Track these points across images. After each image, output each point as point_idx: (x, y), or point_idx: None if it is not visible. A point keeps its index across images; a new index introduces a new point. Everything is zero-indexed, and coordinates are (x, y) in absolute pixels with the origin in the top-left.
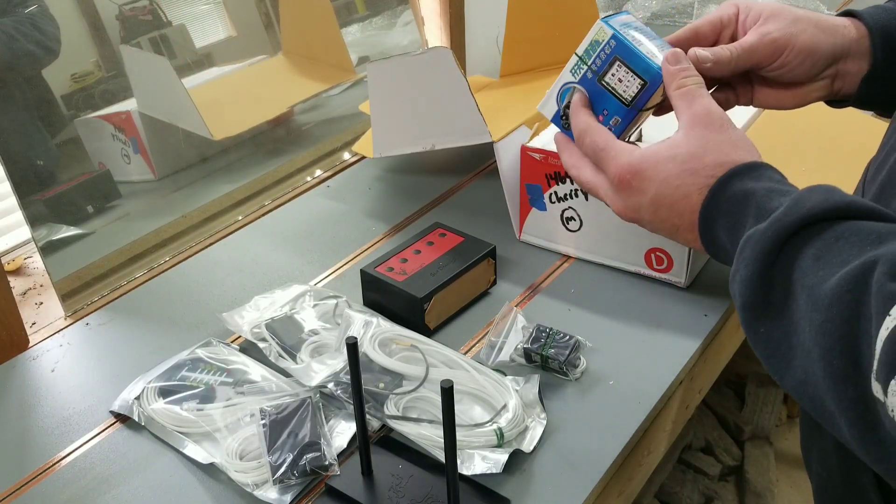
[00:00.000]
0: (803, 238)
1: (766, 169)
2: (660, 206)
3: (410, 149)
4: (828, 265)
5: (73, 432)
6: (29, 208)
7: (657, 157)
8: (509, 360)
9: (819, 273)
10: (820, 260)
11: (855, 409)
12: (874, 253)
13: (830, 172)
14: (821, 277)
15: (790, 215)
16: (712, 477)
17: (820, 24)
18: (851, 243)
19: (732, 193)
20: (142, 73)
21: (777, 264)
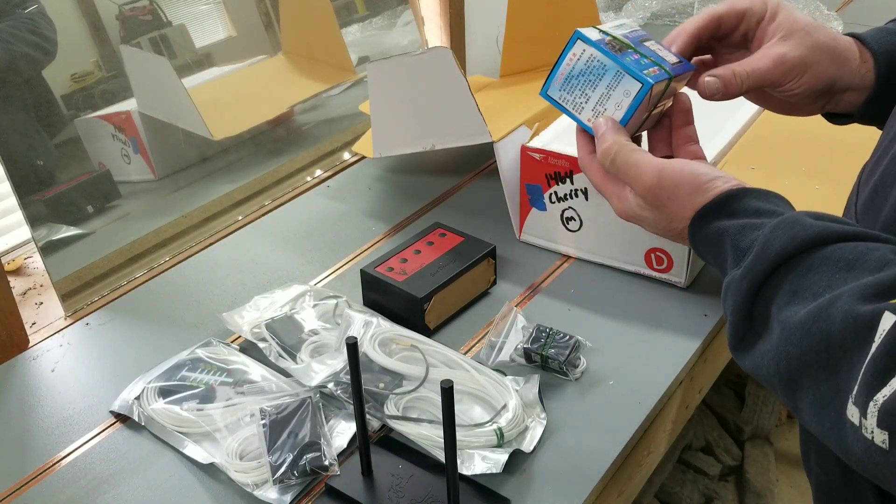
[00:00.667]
0: (778, 278)
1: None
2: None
3: (410, 149)
4: (801, 300)
5: (73, 432)
6: (29, 208)
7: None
8: (509, 360)
9: (793, 308)
10: (795, 295)
11: (834, 436)
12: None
13: (828, 174)
14: (794, 312)
15: (760, 263)
16: (712, 477)
17: (834, 57)
18: (821, 273)
19: (708, 233)
20: (142, 73)
21: (757, 304)
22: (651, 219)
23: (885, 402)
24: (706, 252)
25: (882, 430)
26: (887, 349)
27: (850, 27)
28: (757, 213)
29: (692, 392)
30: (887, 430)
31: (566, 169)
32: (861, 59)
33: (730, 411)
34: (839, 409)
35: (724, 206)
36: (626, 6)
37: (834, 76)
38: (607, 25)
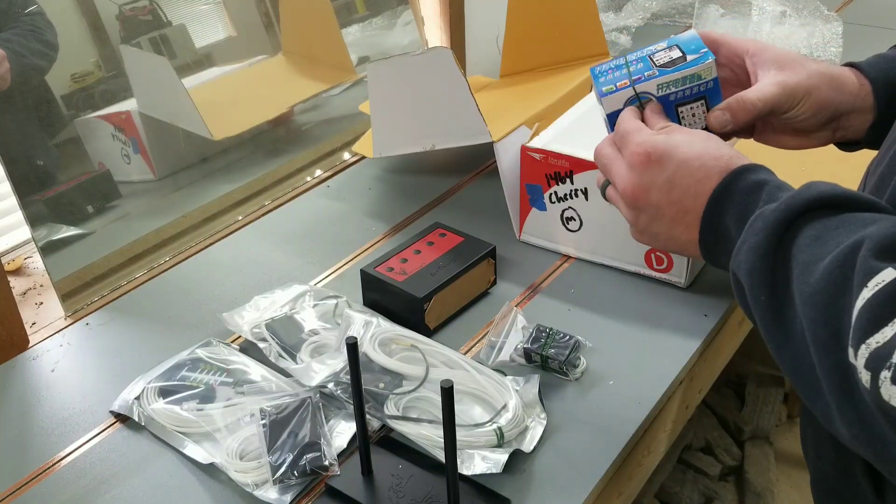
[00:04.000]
0: (807, 220)
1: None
2: (675, 187)
3: (410, 149)
4: (824, 245)
5: (73, 432)
6: (29, 208)
7: (678, 140)
8: (509, 360)
9: (814, 252)
10: (818, 240)
11: (833, 376)
12: (863, 233)
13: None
14: (815, 256)
15: (801, 196)
16: (712, 477)
17: (831, 82)
18: (848, 230)
19: (747, 183)
20: (142, 73)
21: (783, 241)
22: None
23: (877, 348)
24: (733, 207)
25: (867, 370)
26: (884, 300)
27: (851, 27)
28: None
29: (692, 392)
30: (870, 371)
31: (566, 169)
32: (859, 84)
33: (730, 411)
34: (839, 352)
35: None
36: (627, 6)
37: (835, 100)
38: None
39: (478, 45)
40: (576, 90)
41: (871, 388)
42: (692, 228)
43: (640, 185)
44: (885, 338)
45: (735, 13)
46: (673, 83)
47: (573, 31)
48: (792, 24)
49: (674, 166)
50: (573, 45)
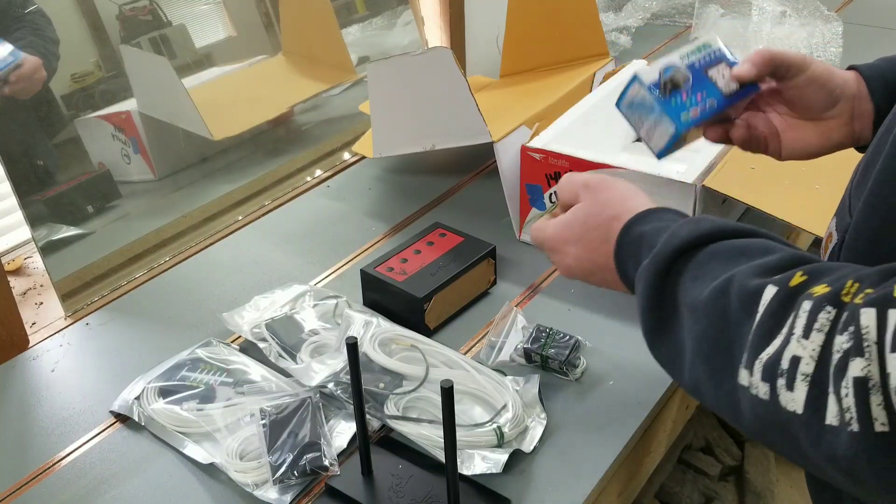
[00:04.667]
0: (681, 264)
1: (655, 212)
2: (582, 262)
3: (410, 149)
4: (703, 283)
5: (73, 432)
6: (29, 208)
7: (567, 222)
8: (509, 360)
9: (696, 290)
10: (697, 280)
11: (730, 402)
12: (734, 269)
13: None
14: (697, 293)
15: (665, 249)
16: (712, 477)
17: (829, 67)
18: (719, 261)
19: (630, 240)
20: (142, 73)
21: (665, 290)
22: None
23: (767, 360)
24: (630, 261)
25: (765, 382)
26: (770, 314)
27: (851, 27)
28: (672, 220)
29: None
30: (768, 383)
31: (566, 169)
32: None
33: None
34: (732, 377)
35: (645, 216)
36: (627, 6)
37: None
38: (686, 48)
39: (478, 45)
40: (576, 90)
41: (770, 399)
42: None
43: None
44: (774, 348)
45: (735, 13)
46: (691, 53)
47: (573, 31)
48: (792, 24)
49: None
50: (573, 45)
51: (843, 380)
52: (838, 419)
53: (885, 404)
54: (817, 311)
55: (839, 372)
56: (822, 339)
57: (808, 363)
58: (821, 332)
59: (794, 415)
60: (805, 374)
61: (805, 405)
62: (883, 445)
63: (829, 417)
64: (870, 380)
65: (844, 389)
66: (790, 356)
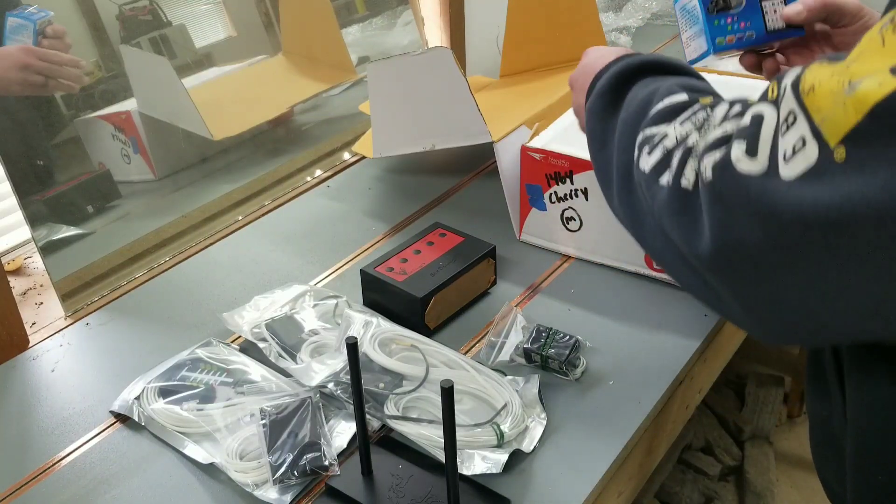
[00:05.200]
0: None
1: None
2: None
3: (410, 149)
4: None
5: (73, 432)
6: (29, 208)
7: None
8: (509, 360)
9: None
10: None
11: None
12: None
13: None
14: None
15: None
16: (712, 477)
17: None
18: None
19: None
20: (142, 73)
21: (617, 101)
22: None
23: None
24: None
25: (638, 148)
26: (669, 107)
27: None
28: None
29: (692, 392)
30: (639, 150)
31: (566, 169)
32: None
33: (730, 411)
34: (630, 152)
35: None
36: (627, 6)
37: None
38: None
39: (478, 45)
40: None
41: (636, 161)
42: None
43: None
44: (659, 129)
45: None
46: None
47: (573, 31)
48: None
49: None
50: (573, 45)
51: (679, 148)
52: (666, 180)
53: (697, 168)
54: (699, 111)
55: (681, 144)
56: (689, 128)
57: (671, 140)
58: (692, 124)
59: (643, 173)
60: (665, 147)
61: (652, 166)
62: (681, 196)
63: (662, 178)
64: (694, 148)
65: (676, 156)
66: (663, 133)
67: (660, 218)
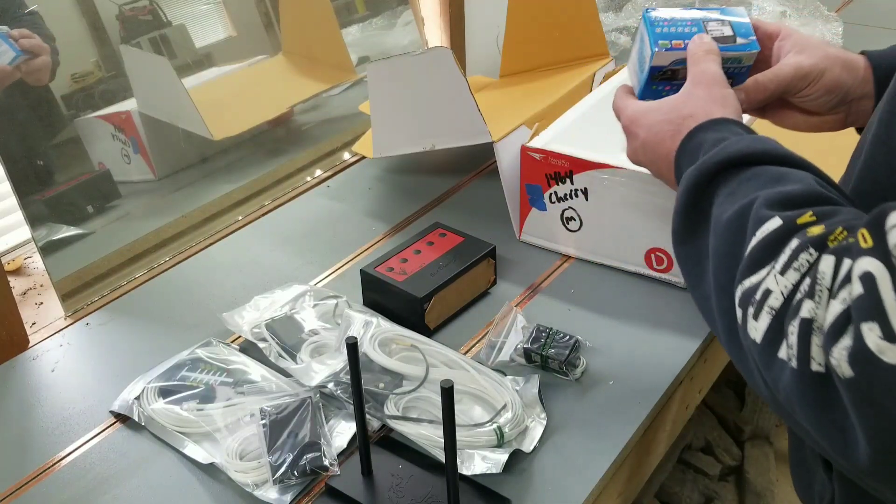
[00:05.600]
0: (724, 177)
1: (728, 123)
2: (647, 150)
3: (410, 149)
4: (734, 200)
5: (73, 432)
6: (29, 208)
7: (649, 108)
8: (509, 360)
9: (725, 207)
10: (731, 196)
11: (726, 318)
12: (762, 192)
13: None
14: (725, 209)
15: (714, 158)
16: (712, 477)
17: (845, 64)
18: (757, 182)
19: (694, 144)
20: (142, 73)
21: (703, 198)
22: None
23: (748, 287)
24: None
25: (740, 308)
26: (763, 245)
27: (850, 28)
28: (736, 132)
29: (692, 392)
30: (742, 309)
31: (566, 169)
32: (864, 69)
33: (730, 411)
34: (732, 296)
35: (715, 124)
36: (627, 6)
37: (846, 82)
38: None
39: (478, 45)
40: (576, 90)
41: (741, 324)
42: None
43: (630, 150)
44: (758, 278)
45: None
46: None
47: (573, 31)
48: (792, 24)
49: (643, 134)
50: (573, 45)
51: (795, 319)
52: (786, 355)
53: (827, 354)
54: (800, 251)
55: (794, 311)
56: (795, 279)
57: (776, 298)
58: (797, 272)
59: (755, 343)
60: (772, 307)
61: (763, 336)
62: (816, 384)
63: (781, 352)
64: (814, 321)
65: (792, 327)
66: (765, 288)
67: (787, 402)
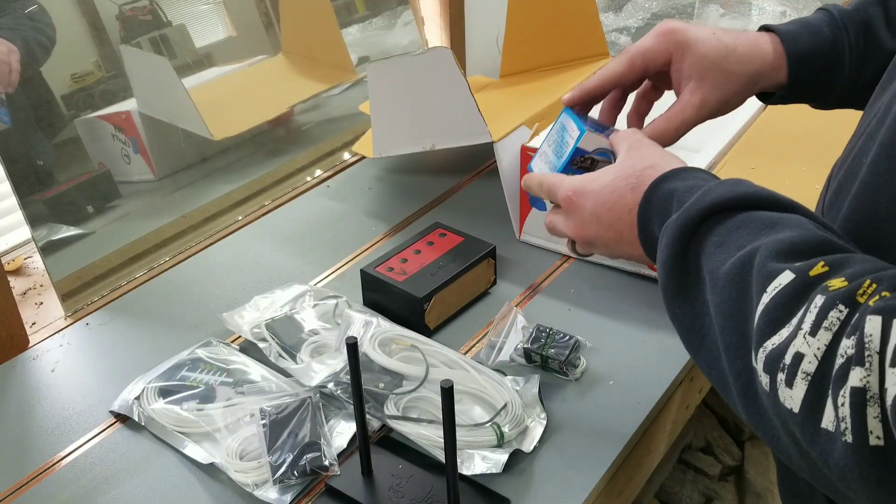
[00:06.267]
0: (709, 226)
1: (693, 171)
2: (601, 216)
3: (410, 149)
4: (727, 251)
5: (73, 432)
6: (29, 208)
7: (593, 176)
8: (509, 360)
9: (718, 258)
10: (721, 246)
11: (741, 380)
12: (758, 242)
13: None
14: (719, 262)
15: (696, 206)
16: (712, 477)
17: (744, 60)
18: (748, 230)
19: (661, 193)
20: (142, 73)
21: (689, 250)
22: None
23: (772, 350)
24: (656, 218)
25: (765, 373)
26: (780, 302)
27: None
28: (707, 180)
29: (692, 392)
30: (768, 374)
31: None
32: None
33: (730, 411)
34: (746, 357)
35: (679, 172)
36: (627, 6)
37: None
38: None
39: (478, 45)
40: None
41: (770, 391)
42: (636, 245)
43: (577, 226)
44: (781, 339)
45: (735, 13)
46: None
47: (573, 31)
48: None
49: (592, 199)
50: (573, 45)
51: (843, 388)
52: (834, 425)
53: (881, 417)
54: (829, 308)
55: (840, 378)
56: (828, 339)
57: (810, 362)
58: (829, 332)
59: (791, 412)
60: (806, 372)
61: (802, 404)
62: (877, 459)
63: (825, 422)
64: (868, 391)
65: (842, 398)
66: (794, 351)
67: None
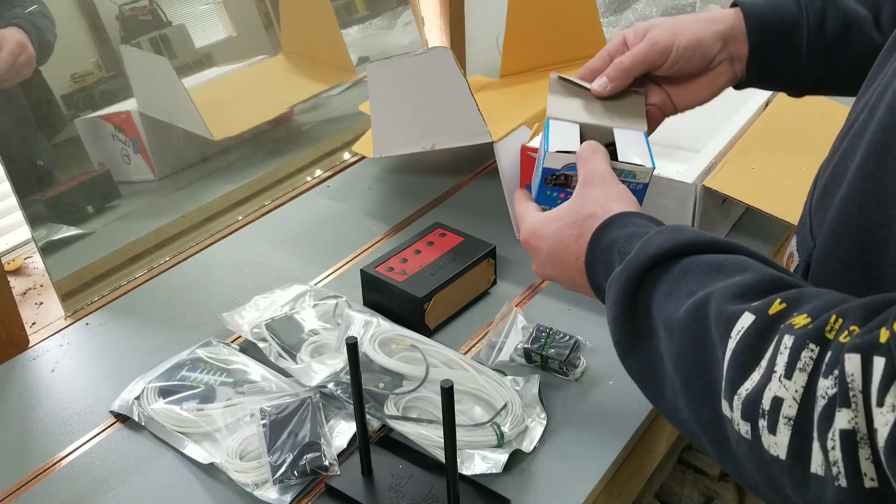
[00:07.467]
0: (654, 276)
1: (631, 217)
2: (554, 261)
3: (410, 149)
4: (677, 299)
5: (73, 432)
6: (29, 208)
7: (547, 218)
8: (509, 360)
9: (670, 308)
10: (671, 295)
11: (710, 430)
12: (711, 287)
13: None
14: (672, 310)
15: (638, 258)
16: (712, 477)
17: (700, 18)
18: (694, 276)
19: (603, 244)
20: (142, 73)
21: (637, 302)
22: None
23: (747, 396)
24: (601, 268)
25: (745, 421)
26: (746, 345)
27: None
28: (647, 226)
29: None
30: (749, 422)
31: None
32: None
33: None
34: (714, 406)
35: (619, 219)
36: (626, 12)
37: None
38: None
39: (478, 45)
40: None
41: (752, 440)
42: (590, 290)
43: (537, 266)
44: (753, 383)
45: None
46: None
47: (573, 31)
48: None
49: (545, 243)
50: (573, 45)
51: (830, 431)
52: (824, 469)
53: (873, 458)
54: (800, 348)
55: (825, 420)
56: (804, 380)
57: (790, 405)
58: (804, 373)
59: (777, 459)
60: (788, 417)
61: (788, 451)
62: (872, 501)
63: (814, 466)
64: (857, 432)
65: (831, 442)
66: (772, 396)
67: None
